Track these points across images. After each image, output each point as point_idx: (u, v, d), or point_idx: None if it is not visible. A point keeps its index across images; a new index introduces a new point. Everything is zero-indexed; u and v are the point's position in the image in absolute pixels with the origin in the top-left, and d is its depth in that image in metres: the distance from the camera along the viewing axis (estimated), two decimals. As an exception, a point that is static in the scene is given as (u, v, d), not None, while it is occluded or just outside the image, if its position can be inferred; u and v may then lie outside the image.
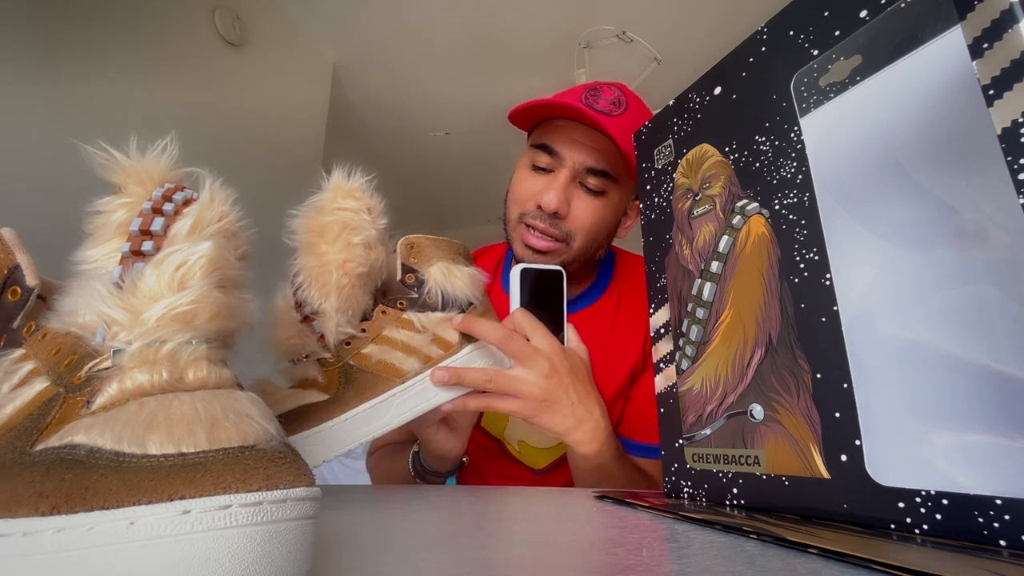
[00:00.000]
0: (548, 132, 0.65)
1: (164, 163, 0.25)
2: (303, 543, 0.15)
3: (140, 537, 0.13)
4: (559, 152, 0.63)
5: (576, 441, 0.50)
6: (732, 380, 0.33)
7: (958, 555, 0.19)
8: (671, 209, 0.40)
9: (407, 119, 2.53)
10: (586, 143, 0.62)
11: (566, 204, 0.62)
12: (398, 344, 0.43)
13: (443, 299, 0.45)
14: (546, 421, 0.48)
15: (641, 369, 0.69)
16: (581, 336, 0.71)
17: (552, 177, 0.63)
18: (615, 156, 0.62)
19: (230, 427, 0.16)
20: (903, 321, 0.25)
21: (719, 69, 0.37)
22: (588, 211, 0.63)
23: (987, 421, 0.21)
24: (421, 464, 0.59)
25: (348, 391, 0.41)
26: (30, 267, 0.24)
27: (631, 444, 0.66)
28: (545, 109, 0.63)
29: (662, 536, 0.25)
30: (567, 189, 0.62)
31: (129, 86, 1.31)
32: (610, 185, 0.64)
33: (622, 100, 0.64)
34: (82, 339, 0.20)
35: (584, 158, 0.62)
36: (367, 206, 0.40)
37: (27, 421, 0.18)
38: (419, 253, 0.46)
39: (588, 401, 0.51)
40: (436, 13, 1.89)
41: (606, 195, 0.64)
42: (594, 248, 0.66)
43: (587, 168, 0.62)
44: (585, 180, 0.63)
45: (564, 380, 0.49)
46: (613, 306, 0.72)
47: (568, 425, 0.49)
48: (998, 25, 0.19)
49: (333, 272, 0.39)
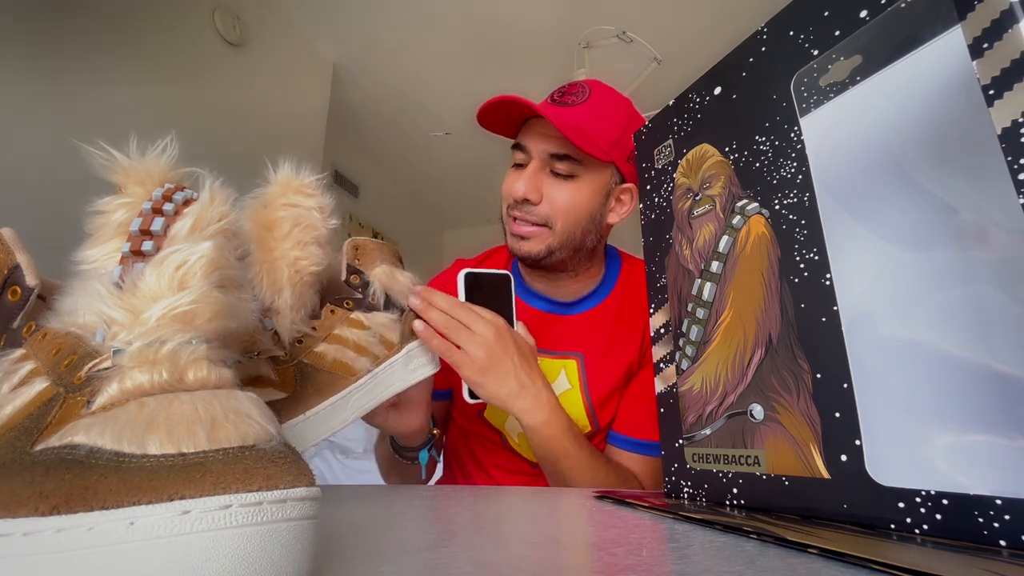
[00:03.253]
0: (521, 132, 0.71)
1: (164, 163, 0.25)
2: (303, 543, 0.15)
3: (140, 537, 0.13)
4: (527, 146, 0.68)
5: (522, 410, 0.54)
6: (732, 380, 0.33)
7: (958, 555, 0.19)
8: (671, 209, 0.40)
9: (407, 119, 2.53)
10: (547, 133, 0.67)
11: (535, 191, 0.66)
12: (350, 343, 0.44)
13: (386, 300, 0.47)
14: (491, 384, 0.52)
15: (637, 368, 0.71)
16: (582, 338, 0.72)
17: (524, 169, 0.68)
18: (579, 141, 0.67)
19: (230, 427, 0.16)
20: (903, 321, 0.25)
21: (719, 69, 0.37)
22: (561, 195, 0.67)
23: (987, 421, 0.21)
24: (394, 443, 0.62)
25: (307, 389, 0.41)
26: (30, 267, 0.24)
27: (622, 439, 0.67)
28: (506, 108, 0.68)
29: (662, 536, 0.25)
30: (535, 177, 0.67)
31: (129, 86, 1.31)
32: (578, 168, 0.67)
33: (585, 89, 0.69)
34: (82, 339, 0.20)
35: (546, 146, 0.67)
36: (319, 204, 0.40)
37: (27, 421, 0.18)
38: (364, 255, 0.47)
39: (531, 371, 0.55)
40: (436, 14, 1.89)
41: (577, 178, 0.68)
42: (579, 233, 0.69)
43: (550, 154, 0.67)
44: (553, 167, 0.67)
45: (509, 347, 0.53)
46: (615, 308, 0.74)
47: (511, 389, 0.53)
48: (998, 25, 0.19)
49: (284, 269, 0.39)
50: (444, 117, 2.51)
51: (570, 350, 0.71)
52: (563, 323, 0.74)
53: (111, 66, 1.27)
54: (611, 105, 0.69)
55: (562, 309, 0.75)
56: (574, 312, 0.74)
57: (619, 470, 0.62)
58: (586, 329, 0.73)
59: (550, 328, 0.73)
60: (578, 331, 0.73)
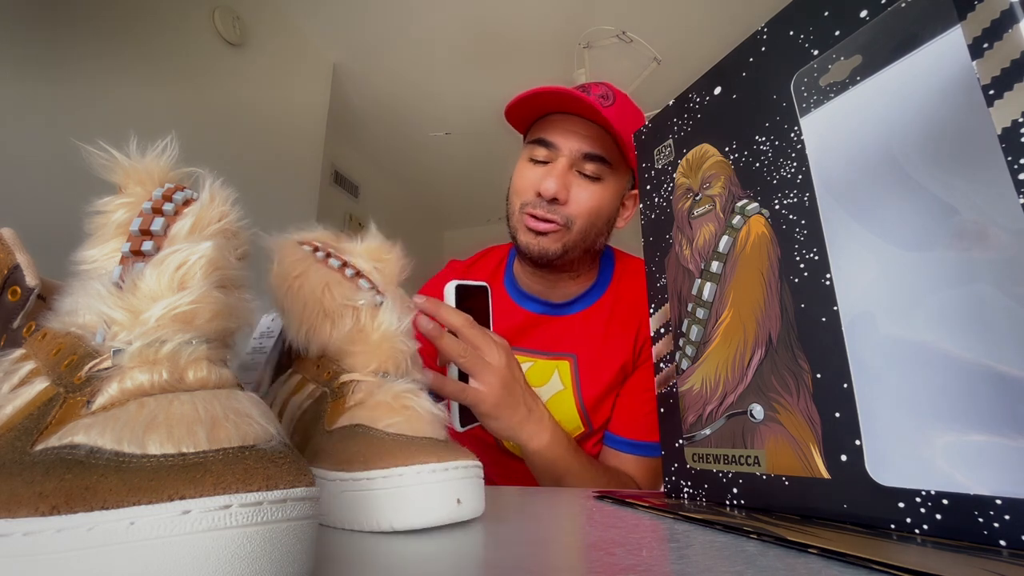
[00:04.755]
0: (543, 127, 0.68)
1: (164, 163, 0.25)
2: (303, 543, 0.15)
3: (140, 537, 0.13)
4: (555, 143, 0.66)
5: (529, 435, 0.52)
6: (732, 380, 0.33)
7: (958, 555, 0.19)
8: (671, 209, 0.40)
9: (407, 119, 2.53)
10: (580, 132, 0.65)
11: (565, 189, 0.65)
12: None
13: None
14: (504, 416, 0.51)
15: (632, 368, 0.70)
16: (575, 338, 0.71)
17: (551, 166, 0.66)
18: (609, 143, 0.65)
19: (230, 427, 0.16)
20: (903, 321, 0.25)
21: (719, 69, 0.37)
22: (587, 196, 0.66)
23: (987, 421, 0.21)
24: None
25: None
26: (30, 267, 0.24)
27: (619, 441, 0.66)
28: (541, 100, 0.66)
29: (662, 536, 0.25)
30: (565, 176, 0.65)
31: (129, 86, 1.31)
32: (606, 171, 0.66)
33: (610, 94, 0.67)
34: (82, 339, 0.20)
35: (580, 145, 0.65)
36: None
37: (27, 421, 0.18)
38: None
39: (530, 390, 0.55)
40: (436, 13, 1.89)
41: (603, 181, 0.67)
42: (593, 235, 0.68)
43: (583, 154, 0.65)
44: (582, 167, 0.66)
45: (516, 371, 0.53)
46: (608, 307, 0.73)
47: (521, 416, 0.52)
48: (998, 25, 0.19)
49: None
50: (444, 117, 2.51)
51: (563, 351, 0.71)
52: (556, 324, 0.73)
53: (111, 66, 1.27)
54: (631, 111, 0.68)
55: (555, 310, 0.74)
56: (567, 313, 0.74)
57: (618, 476, 0.62)
58: (579, 329, 0.72)
59: (543, 329, 0.73)
60: (571, 332, 0.72)
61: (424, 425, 0.29)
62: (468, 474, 0.27)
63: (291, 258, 0.35)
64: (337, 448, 0.28)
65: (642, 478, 0.64)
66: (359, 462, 0.27)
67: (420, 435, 0.28)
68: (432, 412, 0.30)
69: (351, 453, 0.27)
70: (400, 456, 0.26)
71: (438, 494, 0.26)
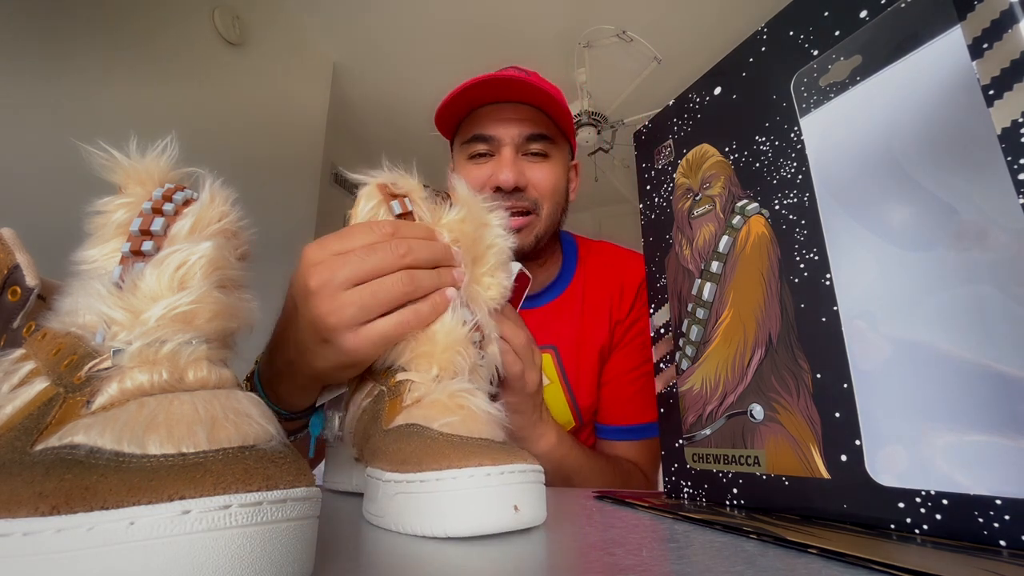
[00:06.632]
0: (476, 122, 0.67)
1: (164, 163, 0.25)
2: (303, 543, 0.15)
3: (140, 537, 0.13)
4: (494, 135, 0.65)
5: (539, 435, 0.52)
6: (732, 380, 0.33)
7: (958, 555, 0.19)
8: (671, 209, 0.40)
9: (407, 119, 2.53)
10: (515, 117, 0.65)
11: (522, 176, 0.65)
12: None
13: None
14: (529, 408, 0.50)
15: (609, 351, 0.69)
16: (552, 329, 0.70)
17: (497, 159, 0.65)
18: (543, 120, 0.66)
19: (230, 427, 0.16)
20: (903, 321, 0.25)
21: (719, 69, 0.37)
22: (542, 175, 0.66)
23: (987, 421, 0.21)
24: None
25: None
26: (30, 267, 0.24)
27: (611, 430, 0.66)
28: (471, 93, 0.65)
29: (662, 536, 0.25)
30: (516, 163, 0.65)
31: (129, 86, 1.31)
32: (550, 147, 0.67)
33: (522, 69, 0.68)
34: (82, 339, 0.20)
35: (520, 129, 0.65)
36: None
37: (27, 421, 0.18)
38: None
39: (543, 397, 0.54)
40: (436, 13, 1.89)
41: (551, 157, 0.67)
42: (558, 213, 0.69)
43: (526, 137, 0.65)
44: (527, 149, 0.66)
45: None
46: (580, 292, 0.73)
47: (536, 416, 0.51)
48: (998, 25, 0.19)
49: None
50: (444, 117, 2.50)
51: (543, 343, 0.70)
52: (532, 317, 0.72)
53: (111, 66, 1.27)
54: (548, 82, 0.69)
55: (528, 303, 0.72)
56: (541, 304, 0.72)
57: (620, 465, 0.61)
58: (555, 319, 0.71)
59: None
60: (548, 323, 0.71)
61: (480, 425, 0.28)
62: (527, 478, 0.26)
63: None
64: (392, 448, 0.27)
65: (643, 461, 0.63)
66: (413, 463, 0.26)
67: (476, 436, 0.27)
68: (489, 412, 0.29)
69: (406, 453, 0.26)
70: (454, 457, 0.25)
71: (494, 499, 0.24)
